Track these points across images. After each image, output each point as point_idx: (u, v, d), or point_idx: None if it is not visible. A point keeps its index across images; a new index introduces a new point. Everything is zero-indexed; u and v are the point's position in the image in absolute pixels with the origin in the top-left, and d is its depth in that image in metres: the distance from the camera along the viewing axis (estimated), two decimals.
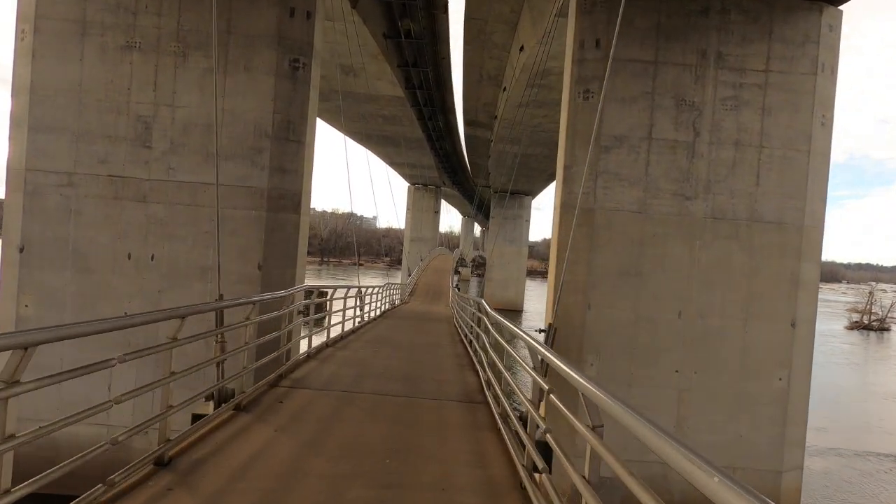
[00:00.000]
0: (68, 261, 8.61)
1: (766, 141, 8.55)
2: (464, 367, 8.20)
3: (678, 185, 8.59)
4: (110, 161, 8.61)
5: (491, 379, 5.85)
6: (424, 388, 6.43)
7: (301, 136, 8.96)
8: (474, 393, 6.35)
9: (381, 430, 4.60)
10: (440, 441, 4.41)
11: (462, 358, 9.14)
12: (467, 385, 6.83)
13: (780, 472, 8.56)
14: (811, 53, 8.51)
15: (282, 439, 4.17)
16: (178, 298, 8.54)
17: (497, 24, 15.19)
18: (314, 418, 4.84)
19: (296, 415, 4.92)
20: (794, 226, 8.58)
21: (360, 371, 7.26)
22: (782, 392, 8.58)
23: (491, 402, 5.48)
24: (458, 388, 6.59)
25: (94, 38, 8.55)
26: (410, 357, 8.91)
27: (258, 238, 8.67)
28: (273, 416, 4.79)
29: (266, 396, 5.42)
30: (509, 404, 4.86)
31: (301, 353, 7.56)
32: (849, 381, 25.55)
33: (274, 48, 8.63)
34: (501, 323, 5.51)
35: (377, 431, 4.56)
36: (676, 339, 8.59)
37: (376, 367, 7.67)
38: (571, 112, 8.75)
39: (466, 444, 4.39)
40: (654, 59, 8.56)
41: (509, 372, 5.12)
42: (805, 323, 8.70)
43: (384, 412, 5.22)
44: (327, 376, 6.74)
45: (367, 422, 4.86)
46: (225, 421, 4.49)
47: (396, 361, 8.32)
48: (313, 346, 8.57)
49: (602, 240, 8.59)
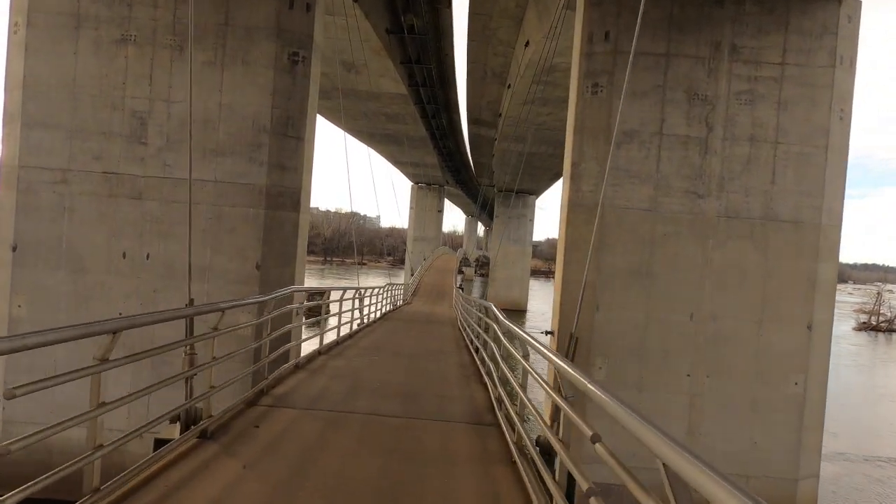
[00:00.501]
0: (62, 260, 8.39)
1: (783, 136, 8.25)
2: (470, 379, 7.44)
3: (690, 182, 8.29)
4: (105, 158, 8.38)
5: (502, 395, 5.20)
6: (426, 407, 5.67)
7: (300, 131, 8.71)
8: (483, 412, 5.56)
9: (374, 463, 3.90)
10: (444, 480, 3.70)
11: (468, 367, 8.38)
12: (475, 402, 6.06)
13: (795, 480, 8.27)
14: (829, 45, 8.20)
15: (249, 480, 3.42)
16: (173, 298, 8.31)
17: (502, 19, 14.91)
18: (294, 448, 4.07)
19: (272, 443, 4.13)
20: (812, 225, 8.28)
21: (354, 385, 6.45)
22: (798, 397, 8.29)
23: (503, 426, 4.75)
24: (464, 407, 5.81)
25: (88, 31, 8.32)
26: (411, 367, 8.12)
27: (256, 237, 8.42)
28: (244, 445, 4.03)
29: (240, 419, 4.66)
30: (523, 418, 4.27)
31: (288, 364, 6.80)
32: (857, 383, 25.16)
33: (273, 41, 8.38)
34: (515, 333, 4.57)
35: (369, 466, 3.85)
36: (688, 342, 8.30)
37: (372, 379, 6.90)
38: (579, 107, 8.46)
39: (476, 484, 3.65)
40: (665, 52, 8.26)
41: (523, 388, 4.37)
42: (822, 325, 8.40)
43: (379, 439, 4.47)
44: (316, 392, 5.96)
45: (357, 452, 4.12)
46: (185, 453, 3.73)
47: (395, 373, 7.57)
48: (304, 354, 7.77)
49: (611, 239, 8.31)
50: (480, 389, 6.69)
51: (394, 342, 10.81)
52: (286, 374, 6.53)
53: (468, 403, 5.95)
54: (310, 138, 9.08)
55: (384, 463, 3.92)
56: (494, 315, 6.19)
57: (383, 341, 10.78)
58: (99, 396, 2.94)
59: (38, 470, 2.58)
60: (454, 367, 8.34)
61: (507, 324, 5.42)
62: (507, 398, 5.03)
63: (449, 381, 7.25)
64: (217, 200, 8.41)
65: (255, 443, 4.10)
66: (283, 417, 4.83)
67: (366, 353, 9.01)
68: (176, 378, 3.80)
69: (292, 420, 4.78)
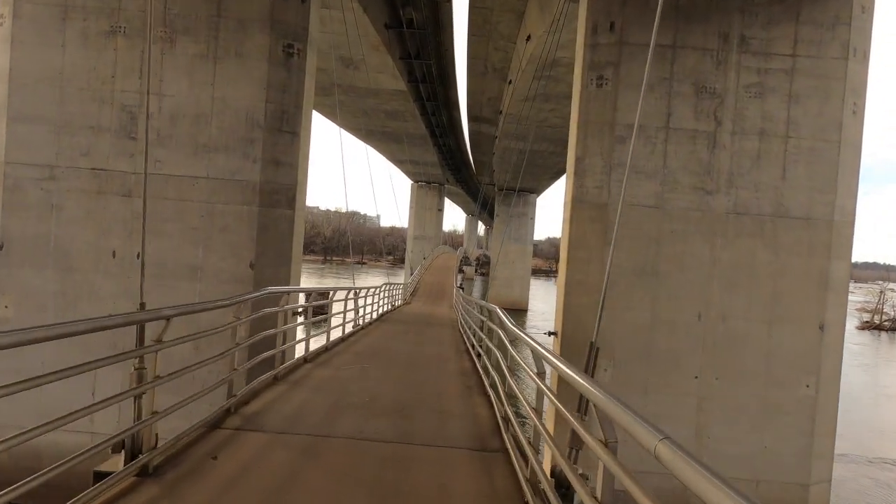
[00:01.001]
0: (49, 259, 8.14)
1: (794, 131, 7.98)
2: (472, 391, 6.67)
3: (698, 178, 8.03)
4: (93, 153, 8.12)
5: (509, 414, 4.54)
6: (421, 428, 4.88)
7: (296, 126, 8.44)
8: (488, 435, 4.78)
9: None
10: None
11: (469, 376, 7.67)
12: (478, 420, 5.28)
13: (806, 485, 8.01)
14: (842, 37, 7.93)
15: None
16: (164, 298, 8.03)
17: (503, 12, 14.64)
18: (255, 490, 3.27)
19: (229, 482, 3.33)
20: (824, 221, 8.01)
21: (340, 400, 5.58)
22: (809, 400, 8.02)
23: (512, 452, 4.07)
24: (466, 427, 5.04)
25: (76, 22, 8.06)
26: (406, 377, 7.31)
27: (250, 235, 8.16)
28: (194, 484, 3.24)
29: (197, 447, 3.85)
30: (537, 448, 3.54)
31: (266, 375, 5.90)
32: (861, 382, 24.88)
33: (267, 33, 8.11)
34: (528, 344, 3.81)
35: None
36: (696, 344, 8.04)
37: (361, 392, 6.04)
38: (583, 100, 8.20)
39: None
40: (672, 43, 8.00)
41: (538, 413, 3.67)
42: (834, 326, 8.14)
43: (362, 472, 3.69)
44: (294, 409, 5.12)
45: (334, 494, 3.32)
46: (120, 494, 3.02)
47: (388, 384, 6.70)
48: (286, 363, 6.77)
49: (616, 237, 8.03)
50: (483, 404, 5.94)
51: (389, 347, 10.07)
52: (262, 388, 5.68)
53: (470, 422, 5.21)
54: (305, 133, 8.81)
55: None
56: (500, 320, 5.57)
57: (378, 346, 10.04)
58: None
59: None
60: (454, 377, 7.62)
61: (516, 330, 4.70)
62: (513, 417, 4.45)
63: (448, 393, 6.50)
64: (209, 197, 8.15)
65: (208, 481, 3.31)
66: (250, 444, 4.05)
67: (357, 359, 8.27)
68: (114, 400, 3.06)
69: (260, 448, 4.00)
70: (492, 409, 5.55)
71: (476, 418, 5.34)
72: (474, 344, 9.45)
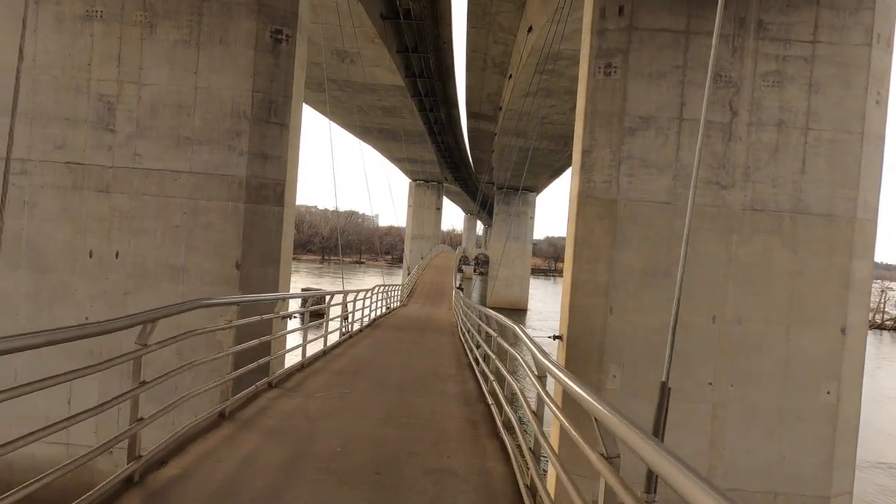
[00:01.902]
0: (21, 259, 7.64)
1: (814, 122, 7.51)
2: (478, 428, 5.11)
3: (713, 172, 7.55)
4: (68, 146, 7.63)
5: (536, 480, 3.20)
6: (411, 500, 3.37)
7: (285, 117, 7.95)
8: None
9: None
10: None
11: (474, 406, 6.07)
12: (490, 488, 3.65)
13: (827, 497, 7.55)
14: (865, 22, 7.46)
15: None
16: (145, 301, 7.56)
17: (503, 2, 14.16)
18: None
19: None
20: (845, 218, 7.54)
21: (299, 453, 4.00)
22: (830, 407, 7.56)
23: None
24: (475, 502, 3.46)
25: (49, 5, 7.56)
26: (394, 408, 5.64)
27: (236, 233, 7.67)
28: None
29: None
30: None
31: (205, 414, 4.31)
32: (864, 383, 24.46)
33: (253, 18, 7.62)
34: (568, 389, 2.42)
35: None
36: (710, 347, 7.57)
37: (330, 437, 4.44)
38: (590, 90, 7.72)
39: None
40: (685, 29, 7.52)
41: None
42: (856, 328, 7.67)
43: None
44: (230, 472, 3.52)
45: None
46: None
47: (367, 422, 5.00)
48: (241, 393, 5.20)
49: (626, 234, 7.57)
50: (497, 455, 4.36)
51: (377, 362, 8.58)
52: (195, 434, 4.09)
53: (481, 494, 3.54)
54: (295, 125, 8.32)
55: None
56: (514, 333, 4.33)
57: (364, 361, 8.53)
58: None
59: None
60: (455, 405, 6.11)
61: (546, 363, 3.03)
62: (539, 481, 3.14)
63: (448, 435, 4.86)
64: (192, 193, 7.65)
65: None
66: None
67: (336, 381, 6.71)
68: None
69: None
70: (509, 466, 4.06)
71: (488, 488, 3.66)
72: (478, 359, 8.44)
